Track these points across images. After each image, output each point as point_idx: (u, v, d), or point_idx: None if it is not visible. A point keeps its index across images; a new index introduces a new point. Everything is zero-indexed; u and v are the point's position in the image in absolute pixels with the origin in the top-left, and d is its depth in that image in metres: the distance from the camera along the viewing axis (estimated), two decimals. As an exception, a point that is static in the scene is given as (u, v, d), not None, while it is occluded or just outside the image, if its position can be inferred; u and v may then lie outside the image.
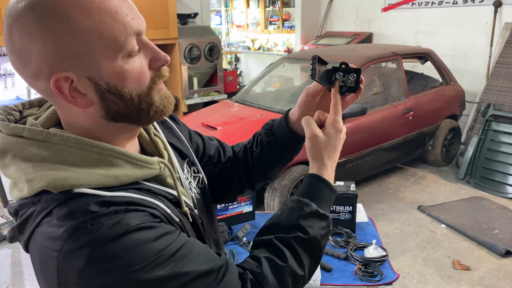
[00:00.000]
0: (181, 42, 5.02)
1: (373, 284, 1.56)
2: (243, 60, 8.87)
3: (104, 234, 0.57)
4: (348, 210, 1.90)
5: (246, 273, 0.69)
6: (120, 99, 0.64)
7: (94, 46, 0.60)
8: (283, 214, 0.77)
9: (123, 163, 0.65)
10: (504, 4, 4.99)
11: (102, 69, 0.61)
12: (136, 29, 0.64)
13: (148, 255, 0.58)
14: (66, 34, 0.58)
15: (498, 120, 4.38)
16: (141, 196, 0.65)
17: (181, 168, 0.84)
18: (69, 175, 0.60)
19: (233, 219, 1.98)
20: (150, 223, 0.61)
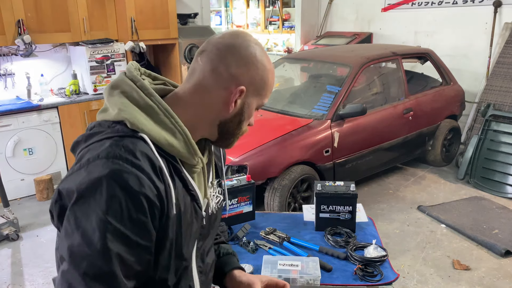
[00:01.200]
0: (181, 42, 5.03)
1: (373, 284, 1.56)
2: (243, 60, 8.86)
3: (115, 179, 0.75)
4: (348, 210, 1.90)
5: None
6: (238, 123, 0.95)
7: (261, 93, 0.94)
8: None
9: (181, 140, 0.87)
10: (504, 4, 4.99)
11: (251, 103, 0.94)
12: (268, 97, 0.98)
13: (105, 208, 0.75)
14: (261, 77, 0.92)
15: (498, 120, 4.38)
16: (166, 172, 0.83)
17: (213, 183, 1.05)
18: (145, 123, 0.83)
19: (233, 219, 1.98)
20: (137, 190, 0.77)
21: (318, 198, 1.91)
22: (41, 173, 4.22)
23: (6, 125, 3.92)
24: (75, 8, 4.33)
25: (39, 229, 3.59)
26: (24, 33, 4.00)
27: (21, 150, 4.07)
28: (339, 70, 4.23)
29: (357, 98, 4.02)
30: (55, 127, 4.23)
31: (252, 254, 1.75)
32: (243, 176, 2.05)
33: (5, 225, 3.39)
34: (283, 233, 1.87)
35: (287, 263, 1.60)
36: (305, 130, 3.48)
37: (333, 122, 3.61)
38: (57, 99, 4.34)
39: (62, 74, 4.71)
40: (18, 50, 4.18)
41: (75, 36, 4.38)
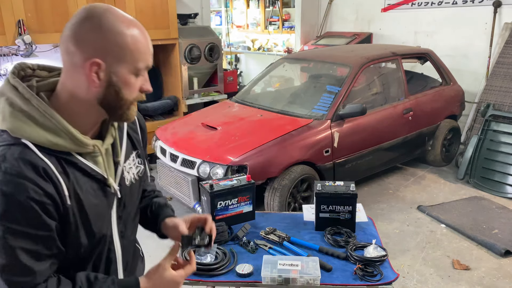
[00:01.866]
0: (181, 42, 5.03)
1: (372, 284, 1.57)
2: (243, 60, 8.87)
3: (2, 185, 0.84)
4: (347, 210, 1.90)
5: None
6: (115, 95, 0.94)
7: (124, 59, 0.91)
8: (100, 280, 0.99)
9: (66, 137, 0.92)
10: (504, 4, 5.00)
11: (119, 72, 0.92)
12: (147, 65, 0.96)
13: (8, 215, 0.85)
14: (116, 43, 0.90)
15: (498, 120, 4.38)
16: (53, 168, 0.89)
17: (127, 155, 1.11)
18: (27, 129, 0.88)
19: (233, 219, 1.98)
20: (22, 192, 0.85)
21: (318, 198, 1.92)
22: (41, 173, 4.22)
23: (6, 125, 3.93)
24: (75, 8, 4.33)
25: (39, 229, 3.59)
26: (25, 33, 4.01)
27: (22, 150, 4.07)
28: (339, 70, 4.23)
29: (357, 98, 4.02)
30: (55, 127, 4.24)
31: (252, 254, 1.75)
32: (243, 176, 2.05)
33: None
34: (283, 233, 1.87)
35: (287, 263, 1.60)
36: (305, 130, 3.48)
37: (333, 122, 3.62)
38: (57, 99, 4.34)
39: None
40: (19, 50, 4.18)
41: (75, 36, 4.39)
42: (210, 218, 1.20)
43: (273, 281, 1.56)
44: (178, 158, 3.45)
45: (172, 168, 3.54)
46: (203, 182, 2.00)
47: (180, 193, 3.52)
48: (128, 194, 1.11)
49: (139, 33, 0.93)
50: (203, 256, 1.67)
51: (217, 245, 1.75)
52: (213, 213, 1.93)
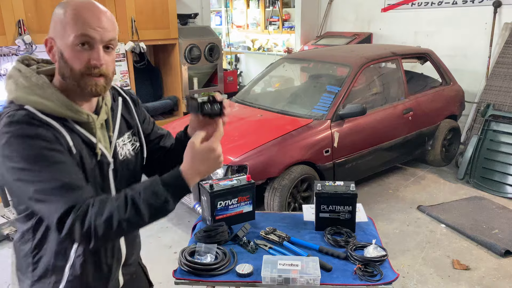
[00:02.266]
0: (181, 42, 5.03)
1: (372, 283, 1.57)
2: (243, 60, 8.87)
3: (15, 131, 0.99)
4: (347, 210, 1.90)
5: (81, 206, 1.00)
6: (65, 66, 1.05)
7: (64, 32, 1.03)
8: (145, 182, 1.06)
9: (63, 106, 1.06)
10: (504, 4, 5.00)
11: (62, 46, 1.04)
12: (88, 36, 1.03)
13: (23, 153, 0.98)
14: (57, 20, 1.04)
15: (498, 120, 4.38)
16: (54, 124, 1.04)
17: (121, 133, 1.22)
18: (28, 98, 1.04)
19: (233, 219, 1.98)
20: (42, 138, 1.00)
21: (318, 198, 1.92)
22: (42, 173, 4.23)
23: (6, 125, 3.93)
24: (75, 8, 4.34)
25: (39, 229, 3.60)
26: (25, 33, 4.01)
27: (22, 150, 4.07)
28: (339, 70, 4.23)
29: (357, 98, 4.02)
30: (56, 127, 4.24)
31: (252, 254, 1.75)
32: (243, 176, 2.05)
33: (5, 225, 3.40)
34: (283, 233, 1.87)
35: (287, 263, 1.60)
36: (305, 130, 3.48)
37: (333, 122, 3.62)
38: (57, 99, 4.34)
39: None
40: (19, 50, 4.18)
41: (75, 36, 4.39)
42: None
43: (273, 281, 1.56)
44: (178, 158, 3.45)
45: (172, 168, 3.53)
46: (203, 182, 2.00)
47: (180, 193, 3.52)
48: (124, 168, 1.22)
49: (76, 9, 1.03)
50: (203, 256, 1.67)
51: (217, 245, 1.75)
52: (213, 213, 1.93)
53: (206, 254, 1.68)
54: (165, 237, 3.42)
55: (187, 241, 1.90)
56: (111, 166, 1.17)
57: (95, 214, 0.98)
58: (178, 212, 3.81)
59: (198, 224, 2.03)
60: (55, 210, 0.97)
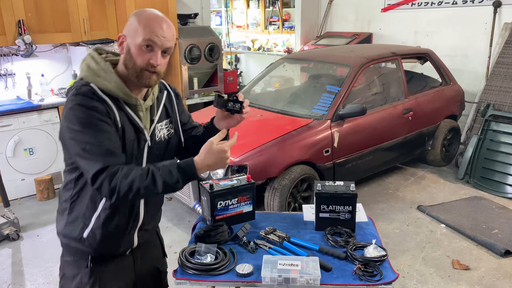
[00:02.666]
0: (181, 42, 5.03)
1: (372, 283, 1.57)
2: (243, 60, 8.87)
3: (78, 101, 1.27)
4: (347, 209, 1.90)
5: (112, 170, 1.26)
6: (128, 60, 1.33)
7: (136, 35, 1.31)
8: (165, 163, 1.31)
9: (119, 89, 1.34)
10: (504, 4, 5.00)
11: (131, 44, 1.32)
12: (152, 41, 1.30)
13: (82, 118, 1.26)
14: (131, 26, 1.32)
15: (498, 120, 4.38)
16: (109, 101, 1.32)
17: (161, 119, 1.50)
18: (94, 78, 1.33)
19: (233, 219, 1.98)
20: (96, 110, 1.28)
21: (318, 198, 1.92)
22: (42, 173, 4.23)
23: (6, 125, 3.93)
24: (75, 8, 4.34)
25: (39, 229, 3.60)
26: (25, 33, 4.01)
27: (22, 150, 4.08)
28: (339, 70, 4.23)
29: (357, 98, 4.02)
30: (56, 127, 4.24)
31: (252, 254, 1.75)
32: (243, 176, 2.05)
33: (5, 225, 3.40)
34: (283, 233, 1.87)
35: (287, 263, 1.60)
36: (305, 130, 3.48)
37: (333, 122, 3.62)
38: (58, 99, 4.34)
39: (63, 74, 4.72)
40: (19, 50, 4.18)
41: (75, 36, 4.39)
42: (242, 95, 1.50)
43: (273, 281, 1.56)
44: (178, 158, 3.45)
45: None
46: (203, 182, 2.00)
47: (180, 193, 3.52)
48: (157, 148, 1.48)
49: (145, 19, 1.31)
50: (203, 256, 1.67)
51: (217, 245, 1.75)
52: (213, 213, 1.93)
53: (206, 254, 1.68)
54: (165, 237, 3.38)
55: (187, 241, 1.90)
56: (147, 143, 1.44)
57: (122, 176, 1.24)
58: (178, 212, 3.81)
59: (198, 224, 2.03)
60: (93, 167, 1.24)
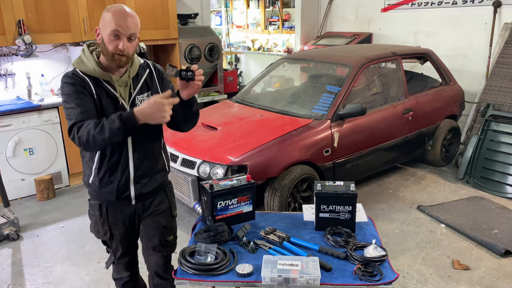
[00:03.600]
0: (181, 42, 5.03)
1: (372, 283, 1.57)
2: (243, 61, 8.88)
3: (64, 80, 1.73)
4: (347, 210, 1.91)
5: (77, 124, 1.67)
6: (104, 47, 1.68)
7: (105, 27, 1.66)
8: (115, 114, 1.62)
9: (94, 69, 1.72)
10: (504, 4, 5.00)
11: (104, 35, 1.67)
12: (118, 32, 1.65)
13: (66, 92, 1.71)
14: (103, 20, 1.67)
15: (498, 120, 4.38)
16: (87, 79, 1.72)
17: (141, 92, 1.82)
18: (78, 65, 1.73)
19: (233, 219, 1.98)
20: (75, 85, 1.71)
21: (318, 198, 1.92)
22: (42, 173, 4.23)
23: (6, 125, 3.93)
24: (75, 8, 4.34)
25: (39, 229, 3.60)
26: (25, 33, 4.01)
27: (22, 150, 4.08)
28: (339, 70, 4.23)
29: (357, 98, 4.02)
30: (56, 127, 4.24)
31: (252, 254, 1.76)
32: (243, 176, 2.05)
33: (5, 225, 3.40)
34: (283, 233, 1.87)
35: (287, 262, 1.61)
36: (305, 130, 3.48)
37: (333, 122, 3.62)
38: (58, 99, 4.34)
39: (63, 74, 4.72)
40: (19, 50, 4.18)
41: (75, 36, 4.39)
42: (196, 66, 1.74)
43: (273, 281, 1.56)
44: (178, 158, 3.46)
45: (172, 168, 3.54)
46: (203, 182, 2.01)
47: (180, 193, 3.52)
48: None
49: (111, 14, 1.65)
50: (203, 256, 1.67)
51: (217, 245, 1.75)
52: (213, 213, 1.93)
53: (206, 254, 1.68)
54: (165, 237, 3.41)
55: (187, 241, 1.90)
56: (127, 111, 1.71)
57: (84, 127, 1.62)
58: (178, 212, 3.80)
59: (198, 224, 2.03)
60: (69, 123, 1.66)
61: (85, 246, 3.33)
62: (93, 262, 3.10)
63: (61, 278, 2.92)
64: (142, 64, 1.85)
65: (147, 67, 1.86)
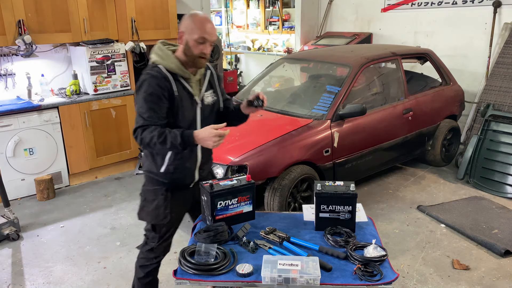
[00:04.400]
0: (181, 42, 5.03)
1: (372, 283, 1.57)
2: (243, 61, 8.87)
3: (148, 78, 1.92)
4: (347, 209, 1.91)
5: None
6: (187, 50, 1.92)
7: (192, 32, 1.89)
8: (177, 130, 1.86)
9: (175, 65, 1.94)
10: (504, 4, 5.00)
11: (189, 39, 1.90)
12: (202, 37, 1.88)
13: (146, 90, 1.91)
14: (188, 25, 1.91)
15: (498, 120, 4.38)
16: (169, 76, 1.92)
17: (206, 89, 2.06)
18: (159, 61, 1.95)
19: (233, 219, 1.98)
20: (157, 87, 1.91)
21: (318, 198, 1.92)
22: (42, 173, 4.23)
23: (6, 125, 3.93)
24: (75, 8, 4.34)
25: (39, 229, 3.60)
26: (25, 33, 4.01)
27: (22, 150, 4.08)
28: (339, 70, 4.23)
29: (357, 98, 4.03)
30: (56, 127, 4.24)
31: (252, 253, 1.76)
32: (243, 176, 2.05)
33: (5, 225, 3.40)
34: (283, 233, 1.87)
35: (287, 262, 1.61)
36: (305, 130, 3.48)
37: (333, 122, 3.62)
38: (58, 99, 4.34)
39: (63, 74, 4.72)
40: (19, 50, 4.18)
41: (75, 36, 4.39)
42: (261, 93, 2.05)
43: (273, 281, 1.56)
44: (178, 158, 3.45)
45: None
46: (203, 182, 2.01)
47: (180, 193, 3.52)
48: (206, 109, 2.05)
49: (198, 21, 1.88)
50: (203, 256, 1.67)
51: (217, 245, 1.75)
52: (213, 213, 1.93)
53: (206, 254, 1.68)
54: (165, 237, 3.41)
55: (187, 241, 1.90)
56: (199, 105, 2.02)
57: (148, 132, 1.84)
58: (178, 212, 3.81)
59: (198, 224, 2.03)
60: (137, 123, 1.88)
61: (85, 246, 3.33)
62: (93, 262, 3.10)
63: (61, 278, 2.92)
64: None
65: (207, 68, 2.11)
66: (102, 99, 4.51)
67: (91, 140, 4.51)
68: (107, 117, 4.60)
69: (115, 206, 4.01)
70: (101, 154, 4.62)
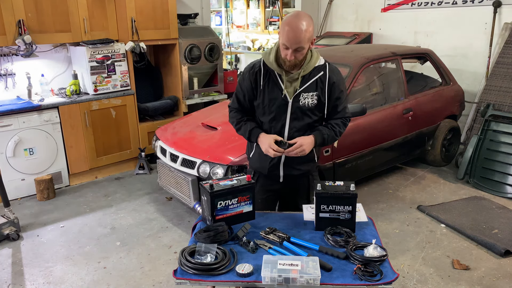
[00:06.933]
0: (181, 42, 5.03)
1: (372, 283, 1.57)
2: (243, 61, 8.87)
3: (245, 68, 2.25)
4: (347, 209, 1.91)
5: None
6: (278, 51, 2.08)
7: (281, 37, 2.00)
8: (251, 125, 2.20)
9: (270, 62, 2.11)
10: (504, 4, 5.00)
11: (280, 41, 2.02)
12: (285, 45, 1.98)
13: (240, 79, 2.27)
14: (280, 29, 2.03)
15: (498, 120, 4.38)
16: (262, 68, 2.15)
17: (307, 90, 2.12)
18: (264, 56, 2.15)
19: (233, 219, 1.98)
20: (246, 77, 2.20)
21: (318, 198, 1.92)
22: (42, 173, 4.23)
23: (6, 125, 3.93)
24: (75, 8, 4.34)
25: (39, 229, 3.60)
26: (25, 33, 4.01)
27: (22, 150, 4.08)
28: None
29: (357, 98, 4.02)
30: (56, 127, 4.24)
31: (252, 253, 1.76)
32: (243, 176, 2.05)
33: (5, 225, 3.40)
34: (283, 233, 1.87)
35: (287, 262, 1.61)
36: (305, 130, 3.48)
37: (333, 122, 3.61)
38: (58, 99, 4.34)
39: (63, 74, 4.72)
40: (19, 50, 4.18)
41: (75, 36, 4.39)
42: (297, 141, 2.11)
43: (273, 281, 1.56)
44: (178, 158, 3.46)
45: (172, 168, 3.54)
46: (203, 182, 2.01)
47: (180, 193, 3.52)
48: (298, 108, 2.12)
49: (288, 28, 1.94)
50: (203, 256, 1.67)
51: (217, 245, 1.75)
52: (213, 213, 1.93)
53: (206, 254, 1.68)
54: (165, 237, 3.42)
55: (187, 241, 1.90)
56: (289, 103, 2.11)
57: (232, 115, 2.27)
58: (178, 212, 3.81)
59: (198, 224, 2.03)
60: (231, 102, 2.30)
61: (85, 246, 3.33)
62: (93, 262, 3.10)
63: (61, 278, 2.92)
64: (320, 65, 2.17)
65: (322, 69, 2.16)
66: (102, 99, 4.51)
67: (91, 140, 4.51)
68: (107, 117, 4.60)
69: (115, 206, 4.01)
70: (101, 154, 4.62)
